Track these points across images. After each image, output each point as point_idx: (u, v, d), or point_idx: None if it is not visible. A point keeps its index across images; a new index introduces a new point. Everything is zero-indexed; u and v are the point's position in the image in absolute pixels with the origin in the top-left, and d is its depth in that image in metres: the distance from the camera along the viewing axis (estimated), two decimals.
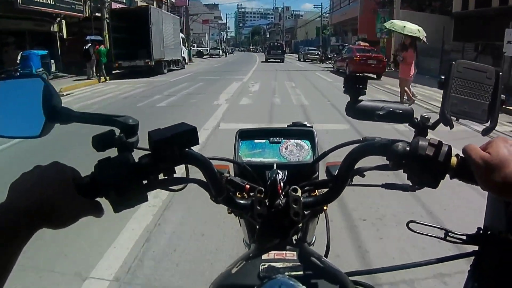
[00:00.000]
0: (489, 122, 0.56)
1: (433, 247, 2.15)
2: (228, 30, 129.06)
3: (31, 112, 0.55)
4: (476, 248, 0.66)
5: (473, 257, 0.66)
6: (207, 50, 48.23)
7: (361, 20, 29.82)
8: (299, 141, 0.91)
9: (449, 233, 0.67)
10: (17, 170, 0.52)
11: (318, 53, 33.15)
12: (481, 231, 0.66)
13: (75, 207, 0.49)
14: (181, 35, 23.67)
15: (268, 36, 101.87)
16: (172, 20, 20.94)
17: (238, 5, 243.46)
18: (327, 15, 51.55)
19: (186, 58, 25.04)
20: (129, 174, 0.52)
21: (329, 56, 28.80)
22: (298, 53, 43.19)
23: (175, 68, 21.38)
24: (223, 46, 61.74)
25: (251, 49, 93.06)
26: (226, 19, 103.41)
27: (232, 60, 38.42)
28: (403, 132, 4.87)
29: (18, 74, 8.92)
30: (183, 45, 23.30)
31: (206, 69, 23.04)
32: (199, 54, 43.79)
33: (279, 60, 32.02)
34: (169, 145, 0.53)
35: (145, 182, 0.55)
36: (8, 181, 0.49)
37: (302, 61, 34.38)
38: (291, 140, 0.91)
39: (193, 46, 42.89)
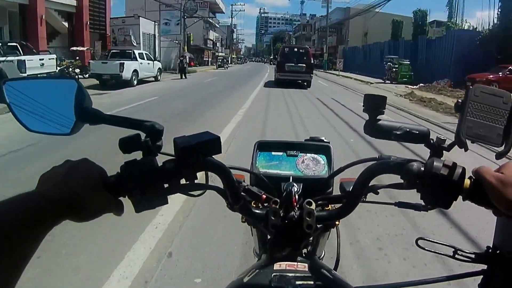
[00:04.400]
0: (503, 146, 0.57)
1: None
2: (240, 33, 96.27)
3: (63, 111, 0.59)
4: (484, 267, 0.67)
5: (481, 276, 0.67)
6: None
7: None
8: (315, 155, 0.93)
9: (458, 251, 0.68)
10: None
11: None
12: (490, 250, 0.67)
13: (99, 203, 0.53)
14: None
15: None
16: None
17: (260, 8, 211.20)
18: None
19: None
20: (153, 177, 0.56)
21: None
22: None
23: None
24: (185, 54, 23.50)
25: (260, 60, 58.48)
26: (232, 15, 68.04)
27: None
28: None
29: None
30: None
31: None
32: None
33: (300, 82, 16.94)
34: (194, 152, 0.57)
35: (166, 185, 0.58)
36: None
37: None
38: (307, 154, 0.93)
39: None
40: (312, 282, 0.61)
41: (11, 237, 0.41)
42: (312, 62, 17.39)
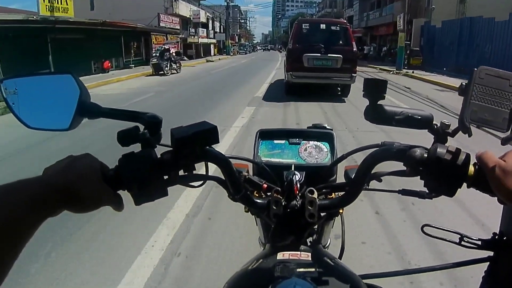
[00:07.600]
0: (509, 131, 0.56)
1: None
2: (251, 15, 76.97)
3: (61, 107, 0.58)
4: (491, 253, 0.66)
5: (488, 262, 0.67)
6: None
7: None
8: (318, 143, 0.92)
9: (464, 238, 0.67)
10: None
11: None
12: (496, 237, 0.66)
13: (97, 195, 0.53)
14: None
15: None
16: None
17: None
18: None
19: None
20: (151, 169, 0.56)
21: None
22: None
23: None
24: None
25: (273, 47, 40.33)
26: None
27: None
28: None
29: None
30: None
31: None
32: None
33: (335, 90, 9.96)
34: (191, 143, 0.56)
35: (166, 177, 0.59)
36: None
37: None
38: (310, 142, 0.92)
39: None
40: (314, 270, 0.61)
41: (8, 220, 0.42)
42: (354, 50, 9.20)
